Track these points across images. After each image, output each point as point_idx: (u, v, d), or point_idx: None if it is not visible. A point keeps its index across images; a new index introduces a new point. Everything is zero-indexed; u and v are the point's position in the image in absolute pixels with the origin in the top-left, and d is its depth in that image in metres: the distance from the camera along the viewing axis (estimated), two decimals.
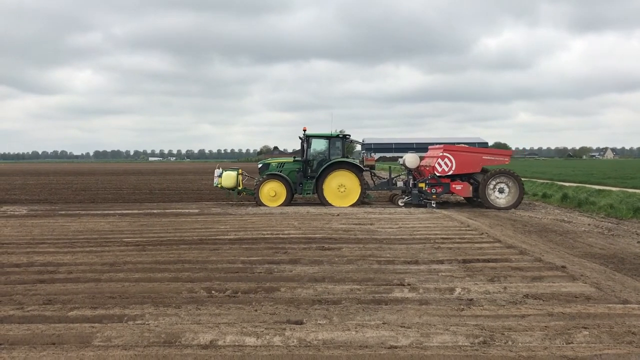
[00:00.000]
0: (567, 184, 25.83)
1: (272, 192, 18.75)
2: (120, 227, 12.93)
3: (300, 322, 5.56)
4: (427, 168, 18.99)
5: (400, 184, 19.87)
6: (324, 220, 13.98)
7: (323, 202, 18.69)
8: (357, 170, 18.83)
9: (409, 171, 19.41)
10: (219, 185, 19.80)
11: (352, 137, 20.30)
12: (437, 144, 22.63)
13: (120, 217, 15.30)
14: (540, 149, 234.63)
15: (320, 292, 6.77)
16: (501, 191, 18.07)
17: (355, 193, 18.64)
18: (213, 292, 6.81)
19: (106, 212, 16.87)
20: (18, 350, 4.77)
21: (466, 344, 4.99)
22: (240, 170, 20.15)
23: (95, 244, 10.46)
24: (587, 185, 25.34)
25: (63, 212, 17.09)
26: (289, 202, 18.89)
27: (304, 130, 19.33)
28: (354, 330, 5.26)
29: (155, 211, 16.95)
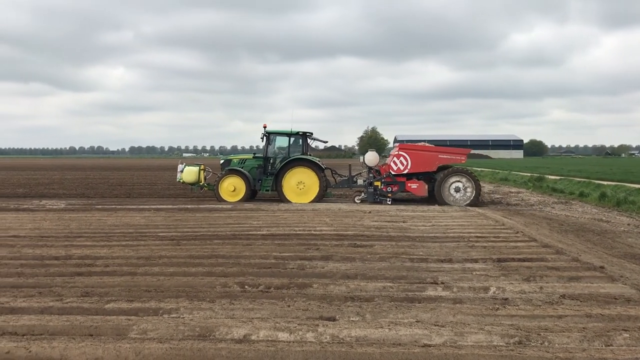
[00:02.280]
0: (605, 183, 25.23)
1: (232, 187, 19.00)
2: (155, 222, 13.13)
3: (333, 319, 5.56)
4: (384, 166, 19.07)
5: (360, 181, 19.90)
6: (356, 217, 13.95)
7: (282, 199, 18.86)
8: (316, 167, 18.92)
9: (369, 169, 19.40)
10: (181, 181, 20.04)
11: (314, 135, 20.37)
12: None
13: (155, 211, 15.53)
14: (576, 147, 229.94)
15: (353, 289, 6.76)
16: (457, 190, 18.16)
17: (314, 190, 18.78)
18: (246, 287, 6.86)
19: (141, 206, 17.15)
20: (58, 341, 4.88)
21: (501, 343, 4.92)
22: (202, 165, 20.29)
23: (131, 238, 10.64)
24: (626, 184, 24.70)
25: (99, 206, 17.44)
26: (249, 197, 19.06)
27: (264, 127, 19.55)
28: (387, 327, 5.23)
29: (189, 206, 17.15)
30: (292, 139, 19.64)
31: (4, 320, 5.40)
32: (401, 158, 18.61)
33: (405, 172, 18.58)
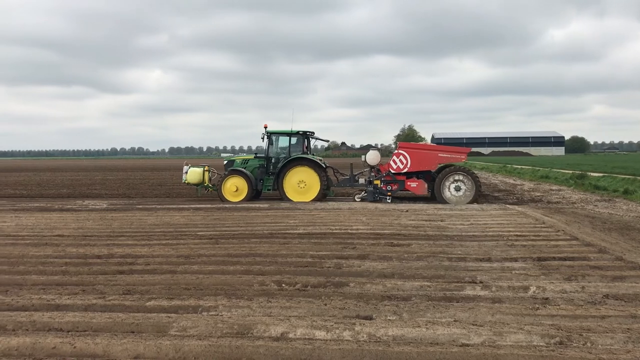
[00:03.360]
0: None
1: (234, 188, 19.19)
2: (194, 221, 13.33)
3: (369, 318, 5.56)
4: (384, 165, 19.01)
5: (362, 180, 19.80)
6: (393, 216, 13.88)
7: (283, 198, 18.99)
8: (316, 166, 19.01)
9: (371, 168, 19.34)
10: (186, 182, 20.28)
11: (316, 135, 20.49)
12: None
13: (194, 211, 15.77)
14: (620, 143, 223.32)
15: (390, 288, 6.74)
16: (457, 189, 18.09)
17: (315, 189, 18.88)
18: (283, 285, 6.91)
19: (181, 206, 17.44)
20: (101, 337, 5.01)
21: (541, 344, 4.83)
22: (206, 167, 20.49)
23: (170, 237, 10.83)
24: None
25: (140, 206, 17.80)
26: (251, 197, 19.20)
27: (265, 127, 19.65)
28: (425, 327, 5.20)
29: (227, 205, 17.35)
30: (292, 139, 19.81)
31: (50, 317, 5.57)
32: (401, 157, 18.65)
33: (405, 170, 18.62)
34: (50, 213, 15.60)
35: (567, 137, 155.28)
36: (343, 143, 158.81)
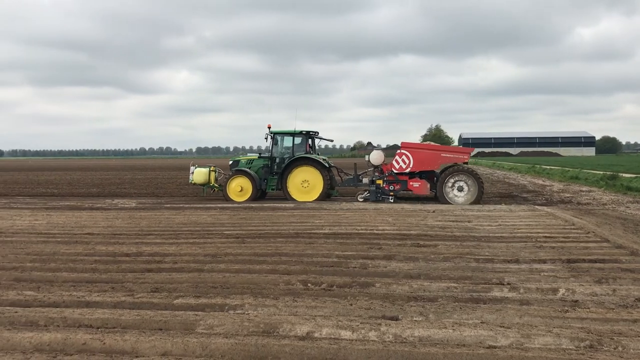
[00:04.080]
0: None
1: (239, 188, 19.32)
2: (221, 220, 13.44)
3: (395, 318, 5.53)
4: (387, 165, 18.96)
5: (365, 180, 19.75)
6: (419, 217, 13.80)
7: (287, 197, 19.09)
8: (320, 166, 19.09)
9: (375, 168, 19.31)
10: (192, 182, 20.49)
11: (320, 135, 20.61)
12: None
13: (220, 210, 15.90)
14: None
15: (416, 288, 6.70)
16: (460, 189, 18.00)
17: (318, 188, 19.01)
18: (309, 284, 6.93)
19: (208, 205, 17.59)
20: (129, 334, 5.08)
21: (571, 347, 4.76)
22: (212, 167, 20.67)
23: (198, 235, 10.94)
24: None
25: (168, 205, 18.01)
26: (255, 197, 19.32)
27: (269, 128, 19.80)
28: (451, 328, 5.16)
29: (253, 205, 17.44)
30: (295, 139, 19.93)
31: (80, 314, 5.67)
32: (403, 157, 18.64)
33: (407, 170, 18.62)
34: (81, 212, 15.89)
35: (597, 137, 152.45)
36: (369, 143, 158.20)
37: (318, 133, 20.55)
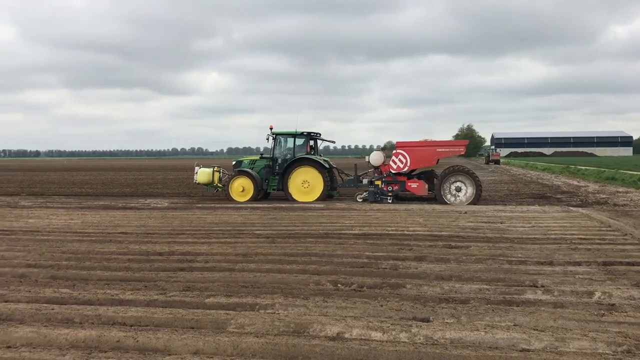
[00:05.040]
0: None
1: (241, 188, 19.57)
2: (251, 220, 13.53)
3: (427, 320, 5.49)
4: (385, 166, 18.96)
5: (365, 181, 19.76)
6: (451, 218, 13.67)
7: (288, 197, 19.22)
8: (320, 167, 19.20)
9: (375, 169, 19.31)
10: (196, 182, 20.76)
11: (322, 136, 20.85)
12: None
13: (251, 210, 15.99)
14: None
15: (447, 290, 6.63)
16: (458, 190, 17.97)
17: (318, 189, 19.15)
18: (339, 285, 6.91)
19: (238, 205, 17.72)
20: (162, 332, 5.15)
21: (607, 351, 4.65)
22: (216, 167, 20.91)
23: (229, 235, 11.02)
24: None
25: (200, 205, 18.20)
26: (256, 197, 19.54)
27: (271, 129, 19.99)
28: (483, 330, 5.09)
29: (283, 205, 17.51)
30: (296, 140, 20.08)
31: (114, 311, 5.77)
32: (400, 156, 18.66)
33: (405, 169, 18.66)
34: (114, 211, 16.16)
35: (635, 137, 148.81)
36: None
37: (320, 135, 20.79)
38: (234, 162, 21.31)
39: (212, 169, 20.68)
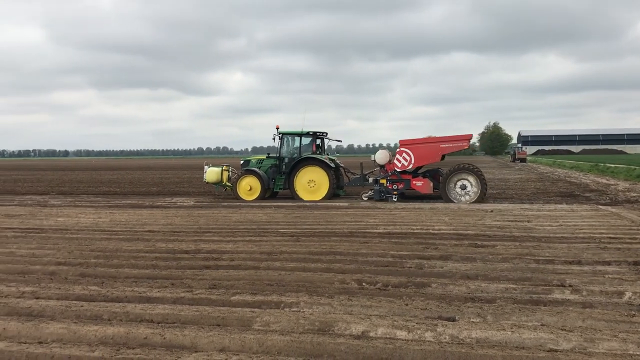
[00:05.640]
0: None
1: (248, 187, 19.81)
2: (276, 219, 13.58)
3: (452, 319, 5.45)
4: (390, 164, 18.93)
5: (371, 180, 19.79)
6: (477, 217, 13.55)
7: (294, 197, 19.48)
8: (325, 166, 19.36)
9: (381, 167, 19.33)
10: (205, 181, 21.06)
11: (329, 135, 20.98)
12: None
13: (275, 209, 16.06)
14: None
15: (473, 289, 6.58)
16: (463, 187, 17.89)
17: (324, 188, 19.30)
18: (364, 284, 6.91)
19: (263, 204, 17.81)
20: (189, 329, 5.20)
21: (638, 352, 4.56)
22: (225, 166, 21.17)
23: (254, 233, 11.09)
24: None
25: (225, 203, 18.34)
26: (263, 196, 19.72)
27: (277, 129, 20.11)
28: (510, 330, 5.04)
29: (307, 204, 17.55)
30: (303, 139, 20.23)
31: (141, 309, 5.85)
32: (404, 154, 18.63)
33: (410, 167, 18.66)
34: (142, 210, 16.38)
35: None
36: None
37: (327, 134, 20.93)
38: (242, 162, 21.60)
39: (220, 168, 21.00)
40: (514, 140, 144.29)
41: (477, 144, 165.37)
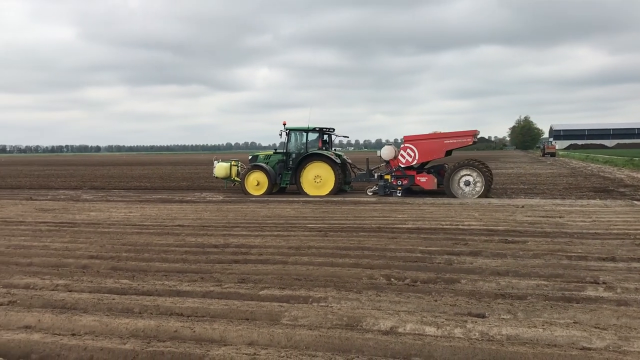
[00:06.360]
0: None
1: (255, 182, 20.21)
2: (304, 214, 13.60)
3: (482, 316, 5.39)
4: (394, 160, 18.98)
5: (377, 175, 19.81)
6: (508, 212, 13.37)
7: (300, 192, 19.70)
8: (331, 162, 19.54)
9: (386, 163, 19.37)
10: (215, 176, 21.66)
11: (336, 131, 21.21)
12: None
13: (303, 204, 16.09)
14: None
15: (504, 286, 6.49)
16: (467, 184, 17.88)
17: (330, 183, 19.49)
18: (392, 279, 6.87)
19: (291, 199, 17.86)
20: (218, 323, 5.24)
21: None
22: (233, 162, 21.70)
23: (282, 228, 11.13)
24: None
25: (253, 198, 18.44)
26: (270, 191, 20.07)
27: (284, 125, 20.25)
28: (541, 327, 4.96)
29: (335, 199, 17.54)
30: (309, 135, 20.42)
31: (172, 302, 5.92)
32: (408, 150, 18.78)
33: (414, 163, 18.77)
34: (171, 204, 16.57)
35: None
36: None
37: (334, 130, 21.12)
38: (250, 157, 21.81)
39: (229, 163, 21.55)
40: (546, 135, 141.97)
41: (508, 139, 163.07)
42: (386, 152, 19.43)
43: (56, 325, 5.32)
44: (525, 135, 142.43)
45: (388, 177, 19.14)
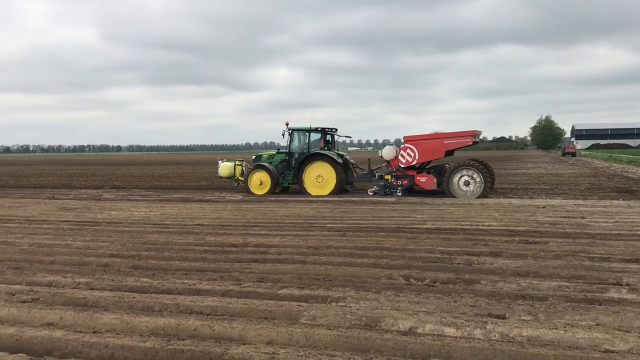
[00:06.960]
0: None
1: (259, 181, 20.27)
2: (322, 213, 13.60)
3: (502, 317, 5.34)
4: (394, 160, 18.96)
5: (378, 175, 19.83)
6: (528, 212, 13.23)
7: (302, 191, 19.79)
8: (333, 162, 19.59)
9: (388, 163, 19.38)
10: (219, 175, 21.92)
11: (339, 131, 21.37)
12: None
13: (322, 203, 16.10)
14: None
15: (524, 287, 6.43)
16: (466, 184, 17.79)
17: (331, 183, 19.56)
18: (411, 280, 6.84)
19: (309, 199, 17.87)
20: (237, 322, 5.26)
21: None
22: (238, 161, 21.93)
23: (300, 228, 11.14)
24: None
25: (272, 198, 18.49)
26: (273, 191, 20.12)
27: (287, 125, 20.50)
28: (562, 329, 4.90)
29: (354, 199, 17.52)
30: (312, 135, 20.53)
31: (191, 301, 5.96)
32: (408, 150, 18.81)
33: (414, 163, 18.79)
34: (191, 204, 16.69)
35: None
36: None
37: (337, 130, 21.28)
38: (254, 157, 22.02)
39: (233, 163, 21.82)
40: (568, 134, 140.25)
41: (529, 138, 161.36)
42: (387, 152, 19.50)
43: (78, 323, 5.38)
44: (546, 135, 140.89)
45: (388, 177, 19.25)
